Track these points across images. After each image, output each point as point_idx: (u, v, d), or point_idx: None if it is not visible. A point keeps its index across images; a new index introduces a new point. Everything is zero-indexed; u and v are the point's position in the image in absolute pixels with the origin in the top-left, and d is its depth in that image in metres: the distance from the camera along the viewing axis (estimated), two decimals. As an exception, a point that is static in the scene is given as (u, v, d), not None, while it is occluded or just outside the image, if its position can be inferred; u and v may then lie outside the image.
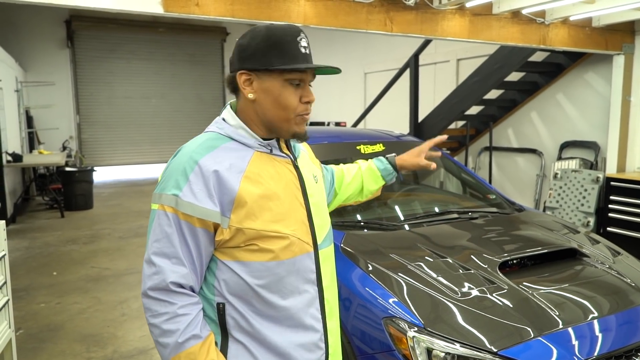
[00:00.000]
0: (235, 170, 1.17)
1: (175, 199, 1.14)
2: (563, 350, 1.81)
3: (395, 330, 1.87)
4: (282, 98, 1.19)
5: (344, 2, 3.34)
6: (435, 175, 4.34)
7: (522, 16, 4.06)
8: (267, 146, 1.25)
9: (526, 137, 6.24)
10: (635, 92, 4.85)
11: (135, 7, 2.78)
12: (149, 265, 1.16)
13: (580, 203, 5.11)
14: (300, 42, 1.19)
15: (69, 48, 10.88)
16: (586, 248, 2.55)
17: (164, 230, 1.15)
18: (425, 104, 6.78)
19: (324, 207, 1.37)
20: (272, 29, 1.20)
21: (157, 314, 1.14)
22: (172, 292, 1.14)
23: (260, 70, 1.19)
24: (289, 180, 1.25)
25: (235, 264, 1.19)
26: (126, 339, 3.42)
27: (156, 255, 1.16)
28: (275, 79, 1.19)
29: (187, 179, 1.14)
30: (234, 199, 1.15)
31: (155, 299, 1.15)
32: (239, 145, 1.22)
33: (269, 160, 1.24)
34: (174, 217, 1.15)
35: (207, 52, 12.63)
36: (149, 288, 1.15)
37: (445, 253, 2.34)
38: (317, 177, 1.39)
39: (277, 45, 1.17)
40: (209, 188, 1.14)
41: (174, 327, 1.13)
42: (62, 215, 7.23)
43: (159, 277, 1.14)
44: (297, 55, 1.18)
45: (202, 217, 1.14)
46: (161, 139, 12.26)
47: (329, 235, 1.37)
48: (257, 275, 1.18)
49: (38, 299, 4.11)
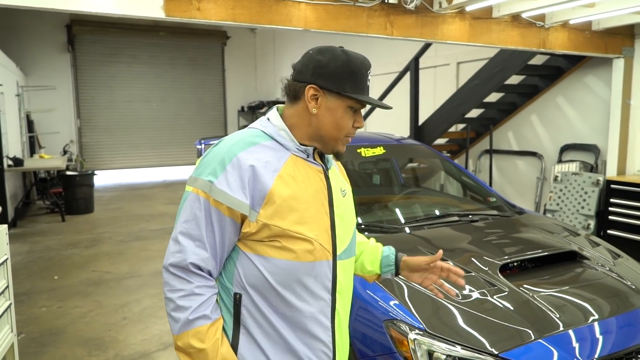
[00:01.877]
0: (270, 168, 1.22)
1: (210, 185, 1.20)
2: (564, 353, 1.81)
3: (397, 333, 1.87)
4: (342, 121, 1.28)
5: (345, 6, 3.35)
6: (436, 178, 4.35)
7: (522, 20, 4.07)
8: (304, 152, 1.30)
9: (526, 140, 6.24)
10: (635, 96, 4.86)
11: (136, 12, 2.80)
12: (174, 243, 1.22)
13: (581, 206, 5.12)
14: (368, 75, 1.29)
15: (70, 52, 10.92)
16: (586, 251, 2.56)
17: (194, 213, 1.21)
18: (426, 107, 6.79)
19: (348, 221, 1.39)
20: (353, 59, 1.27)
21: (174, 289, 1.20)
22: (190, 272, 1.20)
23: (331, 91, 1.26)
24: (318, 188, 1.30)
25: (257, 257, 1.23)
26: (127, 342, 3.42)
27: (182, 235, 1.22)
28: (341, 103, 1.27)
29: (224, 169, 1.20)
30: (265, 195, 1.20)
31: (175, 275, 1.21)
32: (278, 146, 1.28)
33: (303, 165, 1.29)
34: (205, 202, 1.20)
35: (207, 55, 12.68)
36: (170, 264, 1.21)
37: (446, 256, 2.34)
38: (346, 192, 1.43)
39: (353, 75, 1.25)
40: (243, 181, 1.20)
41: (187, 304, 1.19)
42: (63, 219, 7.24)
43: (181, 256, 1.20)
44: (364, 87, 1.28)
45: (232, 207, 1.19)
46: (162, 142, 12.29)
47: (351, 248, 1.40)
48: (276, 271, 1.23)
49: (39, 303, 4.11)
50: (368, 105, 1.42)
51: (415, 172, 4.32)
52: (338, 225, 1.33)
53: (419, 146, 3.67)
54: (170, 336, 3.46)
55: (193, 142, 7.89)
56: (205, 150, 4.92)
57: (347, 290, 1.38)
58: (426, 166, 4.20)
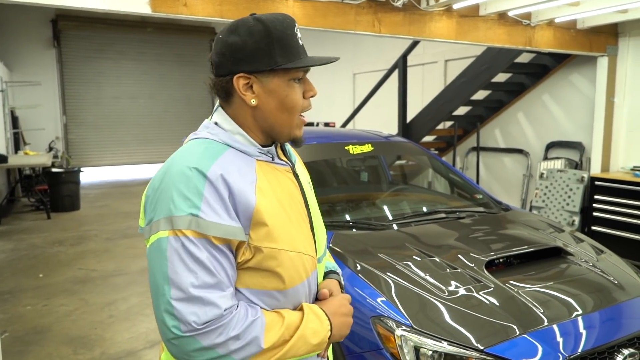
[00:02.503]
0: (247, 182, 1.04)
1: (196, 220, 0.97)
2: (548, 347, 1.84)
3: (383, 329, 1.88)
4: (289, 99, 1.08)
5: (333, 3, 3.35)
6: (424, 176, 4.38)
7: (508, 18, 4.10)
8: (268, 154, 1.12)
9: (513, 138, 6.31)
10: (618, 93, 4.94)
11: (123, 7, 2.77)
12: (191, 303, 0.96)
13: (566, 202, 5.19)
14: (297, 33, 1.09)
15: (56, 48, 10.76)
16: (571, 247, 2.59)
17: (196, 258, 0.97)
18: (414, 105, 6.82)
19: (320, 216, 1.27)
20: (272, 23, 1.06)
21: (219, 333, 0.97)
22: (228, 314, 0.99)
23: (263, 71, 1.06)
24: (292, 192, 1.14)
25: (254, 293, 1.07)
26: (114, 340, 3.39)
27: (198, 289, 0.96)
28: (279, 79, 1.07)
29: (201, 196, 0.98)
30: (251, 214, 1.02)
31: (211, 329, 0.97)
32: (238, 154, 1.08)
33: (271, 170, 1.12)
34: (199, 240, 0.98)
35: (195, 52, 12.58)
36: (201, 324, 0.96)
37: (433, 252, 2.37)
38: (310, 184, 1.30)
39: (279, 41, 1.05)
40: (225, 203, 1.00)
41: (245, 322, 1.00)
42: (48, 216, 7.16)
43: (214, 309, 0.97)
44: (298, 49, 1.08)
45: (228, 237, 1.00)
46: (149, 139, 12.19)
47: (325, 245, 1.30)
48: (278, 305, 1.08)
49: (24, 302, 4.06)
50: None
51: (403, 169, 4.34)
52: (317, 226, 1.21)
53: (407, 143, 3.69)
54: (157, 334, 3.44)
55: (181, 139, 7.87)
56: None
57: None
58: (414, 163, 4.22)
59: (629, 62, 4.85)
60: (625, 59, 4.84)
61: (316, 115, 10.37)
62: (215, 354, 0.98)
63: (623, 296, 2.19)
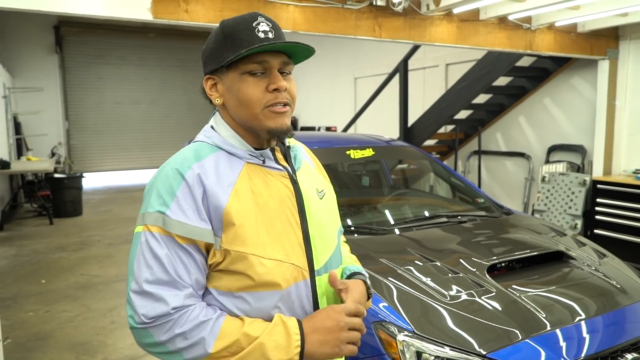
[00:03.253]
0: (224, 183, 1.05)
1: (163, 218, 1.01)
2: (550, 352, 1.83)
3: (385, 335, 1.88)
4: (241, 93, 1.06)
5: (333, 8, 3.36)
6: (425, 180, 4.38)
7: (508, 22, 4.11)
8: (259, 157, 1.11)
9: (514, 141, 6.30)
10: (620, 97, 4.93)
11: (124, 14, 2.79)
12: (143, 297, 1.00)
13: (568, 206, 5.17)
14: (257, 27, 1.06)
15: (58, 53, 10.81)
16: (573, 251, 2.58)
17: (155, 253, 1.01)
18: (415, 109, 6.83)
19: (329, 228, 1.20)
20: (225, 22, 1.09)
21: (167, 329, 1.00)
22: (177, 312, 1.00)
23: (219, 69, 1.09)
24: (282, 197, 1.11)
25: (225, 296, 1.06)
26: (116, 346, 3.39)
27: (150, 284, 1.00)
28: (232, 75, 1.07)
29: (174, 195, 1.02)
30: (221, 215, 1.03)
31: (158, 325, 1.00)
32: (228, 156, 1.10)
33: (261, 173, 1.11)
34: (163, 237, 1.01)
35: (197, 57, 12.56)
36: (149, 318, 0.99)
37: (435, 257, 2.36)
38: (325, 192, 1.23)
39: (230, 37, 1.06)
40: (197, 204, 1.02)
41: (194, 322, 1.00)
42: (50, 222, 7.17)
43: (162, 306, 0.99)
44: (252, 41, 1.04)
45: (193, 237, 1.01)
46: (151, 144, 12.22)
47: (335, 260, 1.21)
48: (247, 309, 1.05)
49: (26, 308, 4.06)
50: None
51: (405, 173, 4.34)
52: (315, 235, 1.14)
53: (408, 148, 3.69)
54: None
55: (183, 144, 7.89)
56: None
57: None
58: (415, 167, 4.22)
59: (630, 65, 4.85)
60: (626, 62, 4.84)
61: (318, 120, 10.40)
62: (166, 349, 1.01)
63: (626, 300, 2.18)
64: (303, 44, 1.07)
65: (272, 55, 1.06)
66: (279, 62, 1.08)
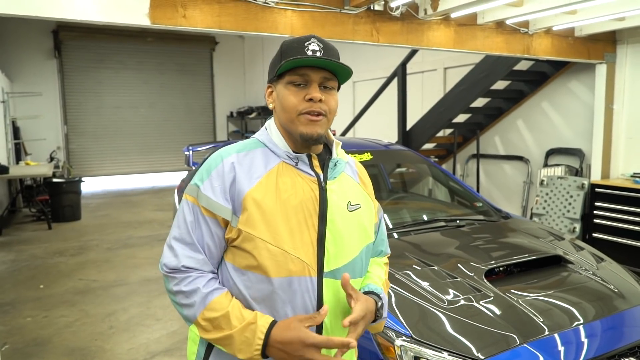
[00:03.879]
0: (254, 174, 1.21)
1: (197, 190, 1.22)
2: (548, 357, 1.83)
3: (383, 340, 1.88)
4: (283, 100, 1.22)
5: (331, 13, 3.37)
6: (423, 184, 4.38)
7: (506, 26, 4.12)
8: (294, 159, 1.25)
9: (513, 145, 6.31)
10: (617, 100, 4.95)
11: (121, 20, 2.79)
12: (169, 249, 1.23)
13: (566, 209, 5.18)
14: (308, 45, 1.21)
15: (57, 58, 10.83)
16: (571, 255, 2.59)
17: (184, 218, 1.22)
18: (413, 113, 6.84)
19: (351, 238, 1.27)
20: (285, 41, 1.26)
21: (176, 283, 1.19)
22: (186, 271, 1.20)
23: (274, 79, 1.25)
24: (305, 199, 1.22)
25: (234, 270, 1.21)
26: (114, 352, 3.38)
27: (175, 240, 1.22)
28: (282, 84, 1.23)
29: (209, 174, 1.22)
30: (242, 199, 1.18)
31: (173, 276, 1.20)
32: (269, 153, 1.25)
33: (292, 173, 1.24)
34: (194, 206, 1.22)
35: (196, 61, 12.64)
36: (166, 265, 1.21)
37: (433, 261, 2.36)
38: (359, 206, 1.32)
39: (284, 53, 1.22)
40: (225, 186, 1.19)
41: (194, 286, 1.18)
42: (49, 227, 7.16)
43: (176, 260, 1.20)
44: (298, 56, 1.19)
45: (214, 212, 1.19)
46: (150, 148, 12.22)
47: (351, 268, 1.26)
48: (250, 286, 1.19)
49: (24, 313, 4.05)
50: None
51: (403, 177, 4.34)
52: (331, 240, 1.22)
53: (406, 152, 3.70)
54: (157, 345, 3.44)
55: (182, 148, 7.88)
56: (194, 156, 4.84)
57: (341, 313, 1.24)
58: (414, 171, 4.22)
59: (627, 69, 4.86)
60: (623, 66, 4.86)
61: (316, 124, 10.41)
62: (175, 299, 1.21)
63: (624, 305, 2.18)
64: (337, 62, 1.20)
65: (313, 70, 1.21)
66: (319, 76, 1.21)
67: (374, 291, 1.31)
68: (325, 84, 1.22)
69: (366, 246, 1.33)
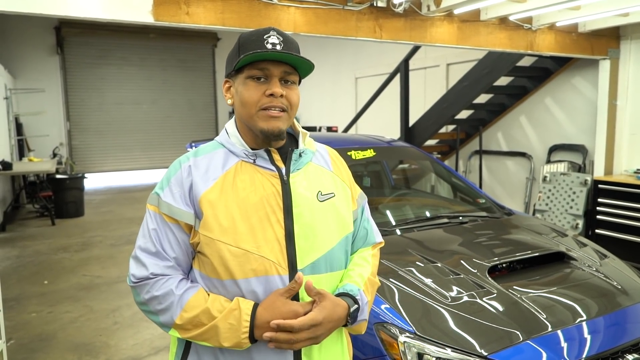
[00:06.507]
0: (210, 176, 1.19)
1: (157, 199, 1.20)
2: (552, 353, 1.84)
3: (387, 336, 1.89)
4: (242, 95, 1.18)
5: (334, 10, 3.37)
6: (426, 180, 4.38)
7: (509, 22, 4.11)
8: (252, 156, 1.21)
9: (516, 141, 6.30)
10: (621, 96, 4.93)
11: (125, 17, 2.80)
12: (135, 261, 1.20)
13: (569, 206, 5.17)
14: (267, 38, 1.16)
15: (59, 54, 10.83)
16: (574, 251, 2.59)
17: (148, 227, 1.20)
18: (416, 109, 6.83)
19: (322, 229, 1.21)
20: (242, 34, 1.22)
21: (147, 290, 1.17)
22: (155, 277, 1.18)
23: (232, 73, 1.22)
24: (267, 195, 1.18)
25: (201, 276, 1.19)
26: (119, 347, 3.40)
27: (141, 251, 1.20)
28: (240, 79, 1.19)
29: (169, 182, 1.20)
30: (199, 202, 1.16)
31: (142, 284, 1.18)
32: (228, 154, 1.23)
33: (251, 170, 1.20)
34: (156, 215, 1.20)
35: (198, 57, 12.63)
36: (136, 279, 1.18)
37: (436, 258, 2.37)
38: (332, 195, 1.26)
39: (242, 47, 1.18)
40: (184, 191, 1.18)
41: (167, 289, 1.15)
42: (52, 223, 7.19)
43: (144, 269, 1.18)
44: (257, 50, 1.15)
45: (177, 218, 1.17)
46: (152, 144, 12.23)
47: (325, 263, 1.21)
48: (219, 292, 1.16)
49: (29, 309, 4.08)
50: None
51: (406, 174, 4.34)
52: (301, 234, 1.17)
53: (409, 148, 3.70)
54: (161, 340, 3.46)
55: (184, 144, 7.87)
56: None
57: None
58: (416, 168, 4.23)
59: (631, 65, 4.84)
60: (627, 61, 4.84)
61: (319, 120, 10.40)
62: (148, 308, 1.18)
63: (627, 301, 2.18)
64: (298, 55, 1.16)
65: (273, 64, 1.17)
66: (279, 71, 1.18)
67: (349, 293, 1.22)
68: (286, 78, 1.19)
69: (345, 237, 1.27)
